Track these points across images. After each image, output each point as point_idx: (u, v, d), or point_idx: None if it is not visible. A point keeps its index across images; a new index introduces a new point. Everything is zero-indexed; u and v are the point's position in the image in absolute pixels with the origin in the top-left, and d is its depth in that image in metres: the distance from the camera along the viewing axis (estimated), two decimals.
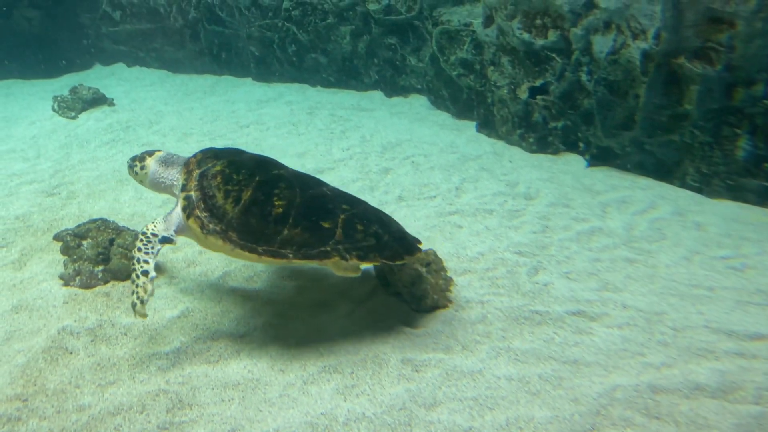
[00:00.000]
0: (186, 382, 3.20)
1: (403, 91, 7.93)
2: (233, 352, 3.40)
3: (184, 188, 3.59)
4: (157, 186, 3.87)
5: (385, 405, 2.94)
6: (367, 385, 3.10)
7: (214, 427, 2.91)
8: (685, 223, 4.61)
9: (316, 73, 8.36)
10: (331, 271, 4.14)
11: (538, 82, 6.23)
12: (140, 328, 3.62)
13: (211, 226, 3.41)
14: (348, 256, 3.27)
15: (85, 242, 4.19)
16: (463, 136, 6.60)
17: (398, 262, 3.37)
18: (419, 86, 7.80)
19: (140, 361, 3.35)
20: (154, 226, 3.55)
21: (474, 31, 6.77)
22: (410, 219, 4.79)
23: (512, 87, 6.40)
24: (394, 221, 3.58)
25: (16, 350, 3.47)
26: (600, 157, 5.79)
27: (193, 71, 9.05)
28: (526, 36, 6.13)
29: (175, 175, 3.75)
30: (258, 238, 3.32)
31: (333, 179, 5.55)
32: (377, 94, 7.97)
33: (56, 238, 4.53)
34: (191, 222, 3.46)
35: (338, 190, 3.61)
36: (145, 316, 3.34)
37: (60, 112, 7.40)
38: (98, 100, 7.56)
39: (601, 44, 5.54)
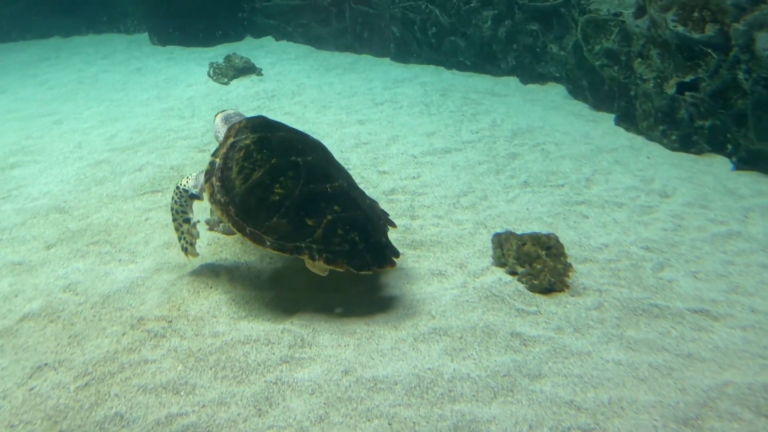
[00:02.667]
0: (307, 325, 3.55)
1: (540, 78, 7.91)
2: (352, 305, 3.71)
3: (215, 153, 3.91)
4: (218, 140, 4.21)
5: (490, 370, 3.12)
6: (475, 350, 3.29)
7: (329, 366, 3.24)
8: None
9: (453, 56, 8.54)
10: (449, 245, 4.35)
11: (688, 78, 6.01)
12: (270, 273, 4.04)
13: (218, 196, 3.70)
14: (317, 256, 3.41)
15: None
16: (599, 128, 6.51)
17: (363, 272, 3.45)
18: (558, 74, 7.74)
19: (268, 302, 3.76)
20: (186, 182, 3.98)
21: (623, 22, 6.63)
22: (534, 204, 4.88)
23: (659, 81, 6.21)
24: (381, 230, 3.61)
25: (165, 279, 4.02)
26: (749, 161, 5.50)
27: (335, 48, 9.56)
28: (680, 29, 5.93)
29: (224, 134, 4.07)
30: (250, 218, 3.53)
31: (459, 160, 5.74)
32: (512, 80, 8.01)
33: None
34: (206, 186, 3.78)
35: (343, 189, 3.63)
36: (196, 255, 3.97)
37: (214, 77, 8.19)
38: (248, 69, 8.26)
39: (766, 41, 5.24)
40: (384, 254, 3.51)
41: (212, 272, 4.05)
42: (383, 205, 4.92)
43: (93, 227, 4.70)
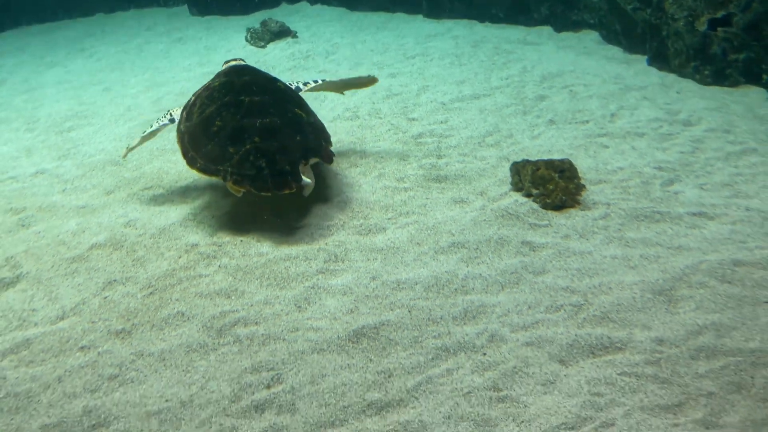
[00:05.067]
0: (340, 245, 4.18)
1: (574, 26, 8.28)
2: (380, 229, 4.31)
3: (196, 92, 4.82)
4: None
5: (500, 270, 3.68)
6: (488, 257, 3.85)
7: (359, 274, 3.86)
8: None
9: (486, 9, 8.97)
10: (472, 178, 4.90)
11: (719, 14, 6.35)
12: (309, 208, 4.67)
13: (181, 126, 4.61)
14: (228, 178, 4.19)
15: None
16: (631, 69, 6.88)
17: (264, 194, 4.17)
18: (592, 21, 8.10)
19: (307, 230, 4.39)
20: (173, 112, 5.04)
21: None
22: (557, 139, 5.35)
23: (690, 19, 6.54)
24: (290, 160, 4.20)
25: (213, 214, 4.70)
26: None
27: (369, 9, 10.10)
28: None
29: None
30: (194, 145, 4.38)
31: (487, 104, 6.24)
32: (546, 30, 8.40)
33: None
34: (179, 116, 4.76)
35: (273, 124, 4.31)
36: (124, 156, 5.28)
37: (251, 42, 8.88)
38: (284, 32, 8.91)
39: None
40: (284, 180, 4.17)
41: (257, 206, 4.71)
42: (411, 148, 5.49)
43: (146, 176, 5.43)
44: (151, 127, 5.12)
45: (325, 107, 6.56)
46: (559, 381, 2.87)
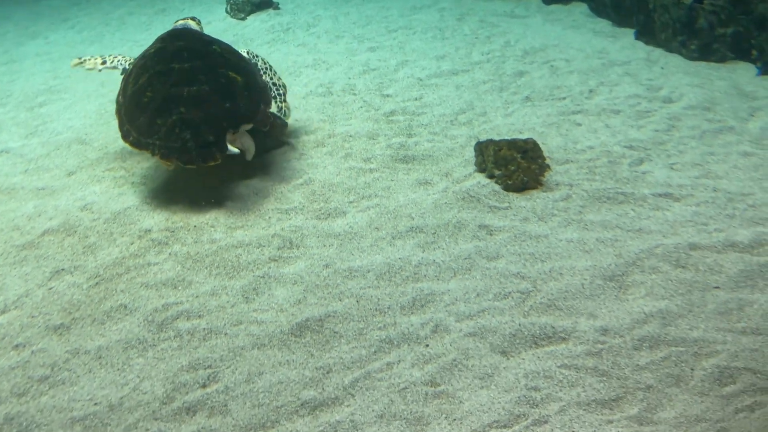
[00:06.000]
0: (296, 231, 4.07)
1: None
2: (340, 213, 4.20)
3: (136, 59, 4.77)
4: None
5: (454, 255, 3.56)
6: (444, 242, 3.73)
7: (312, 262, 3.75)
8: None
9: None
10: (439, 158, 4.77)
11: None
12: (269, 191, 4.56)
13: (119, 97, 4.52)
14: (156, 151, 4.12)
15: None
16: (617, 44, 6.67)
17: (188, 166, 4.15)
18: None
19: (264, 214, 4.28)
20: (126, 61, 5.04)
21: None
22: (530, 117, 5.19)
23: None
24: (215, 129, 4.13)
25: (170, 198, 4.59)
26: None
27: None
28: None
29: None
30: (129, 118, 4.30)
31: (464, 81, 6.07)
32: (534, 2, 8.17)
33: None
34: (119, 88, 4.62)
35: (202, 92, 4.20)
36: (73, 66, 5.25)
37: (232, 14, 8.71)
38: (265, 3, 8.72)
39: None
40: (208, 151, 4.13)
41: (214, 190, 4.60)
42: (382, 126, 5.34)
43: (110, 156, 5.32)
44: (110, 60, 5.05)
45: (299, 82, 6.41)
46: (498, 374, 2.77)
